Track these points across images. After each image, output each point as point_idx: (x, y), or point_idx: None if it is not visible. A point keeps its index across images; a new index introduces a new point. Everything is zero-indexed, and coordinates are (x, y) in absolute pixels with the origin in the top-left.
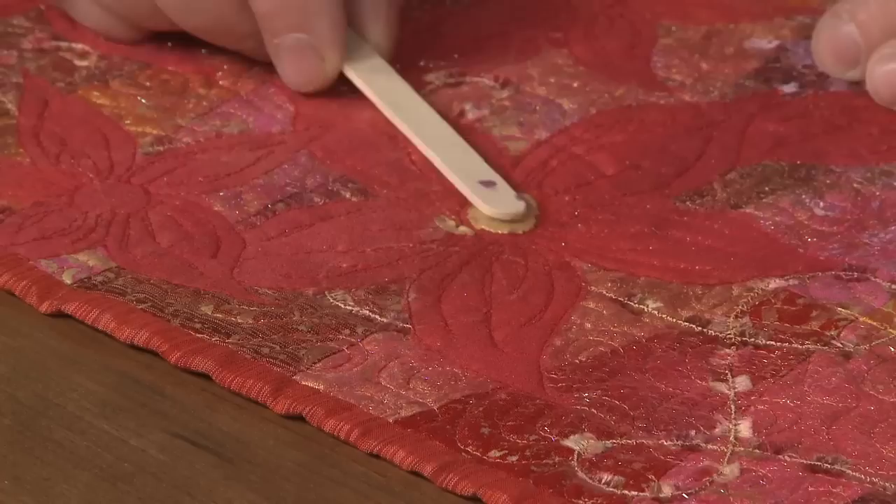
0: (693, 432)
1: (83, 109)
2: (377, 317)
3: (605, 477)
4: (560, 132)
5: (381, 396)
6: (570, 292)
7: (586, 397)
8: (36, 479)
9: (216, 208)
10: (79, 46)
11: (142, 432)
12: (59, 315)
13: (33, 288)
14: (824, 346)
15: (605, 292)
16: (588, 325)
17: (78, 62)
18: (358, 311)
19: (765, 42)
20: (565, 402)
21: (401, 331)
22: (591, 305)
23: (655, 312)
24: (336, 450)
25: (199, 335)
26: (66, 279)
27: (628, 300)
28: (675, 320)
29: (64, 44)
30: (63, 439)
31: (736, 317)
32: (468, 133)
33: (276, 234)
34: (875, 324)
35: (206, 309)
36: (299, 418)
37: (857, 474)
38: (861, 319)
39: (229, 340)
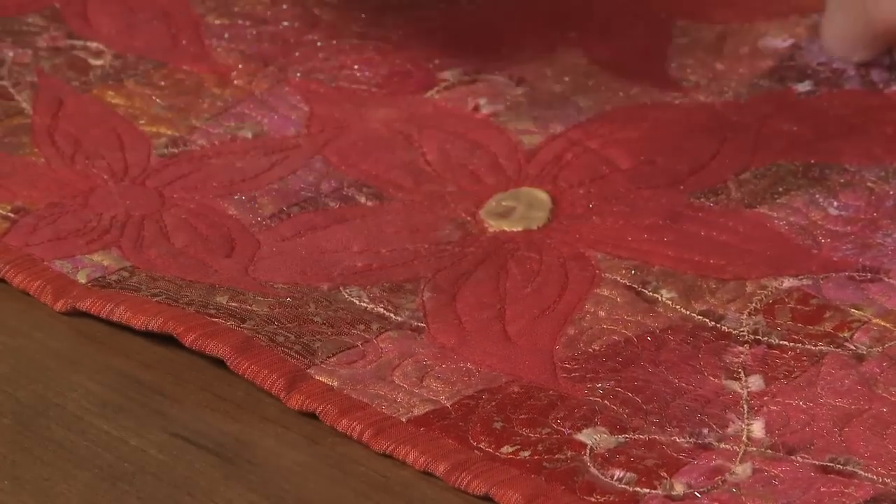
0: (706, 430)
1: (98, 109)
2: (392, 315)
3: (618, 473)
4: (575, 126)
5: (395, 395)
6: (585, 280)
7: (599, 388)
8: (36, 479)
9: (230, 212)
10: (93, 45)
11: (142, 432)
12: (62, 315)
13: (48, 287)
14: (837, 347)
15: (619, 279)
16: (602, 314)
17: (92, 61)
18: (373, 309)
19: (779, 40)
20: (578, 392)
21: (415, 329)
22: (605, 293)
23: (669, 303)
24: (336, 450)
25: (215, 319)
26: (81, 279)
27: (643, 288)
28: (688, 312)
29: (79, 42)
30: (63, 439)
31: (749, 314)
32: (482, 127)
33: (291, 235)
34: (888, 325)
35: (222, 299)
36: (300, 418)
37: (869, 475)
38: (874, 321)
39: (244, 325)
